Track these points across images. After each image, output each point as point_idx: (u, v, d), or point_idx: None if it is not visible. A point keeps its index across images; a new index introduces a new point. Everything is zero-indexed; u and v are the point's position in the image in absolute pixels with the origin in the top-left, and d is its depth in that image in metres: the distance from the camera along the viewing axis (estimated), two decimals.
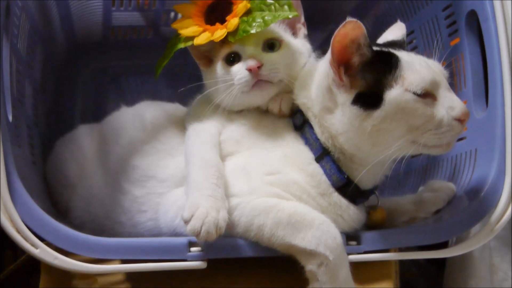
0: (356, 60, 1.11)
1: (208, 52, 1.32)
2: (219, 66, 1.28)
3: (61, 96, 1.85)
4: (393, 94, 1.09)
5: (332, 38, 1.09)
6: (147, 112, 1.43)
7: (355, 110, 1.11)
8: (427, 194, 1.30)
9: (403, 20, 1.57)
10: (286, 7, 1.23)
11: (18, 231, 1.05)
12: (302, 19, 1.36)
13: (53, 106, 1.75)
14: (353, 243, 1.16)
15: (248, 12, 1.26)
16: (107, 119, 1.51)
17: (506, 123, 1.20)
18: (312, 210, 1.12)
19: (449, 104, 1.11)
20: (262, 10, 1.25)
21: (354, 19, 1.06)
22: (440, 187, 1.30)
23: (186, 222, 1.06)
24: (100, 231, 1.32)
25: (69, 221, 1.37)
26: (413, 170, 1.53)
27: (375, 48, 1.15)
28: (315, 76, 1.19)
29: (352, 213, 1.18)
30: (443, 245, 1.25)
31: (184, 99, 1.45)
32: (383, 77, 1.11)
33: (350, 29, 1.07)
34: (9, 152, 1.06)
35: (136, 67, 1.98)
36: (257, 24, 1.22)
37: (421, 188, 1.36)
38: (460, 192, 1.29)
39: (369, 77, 1.11)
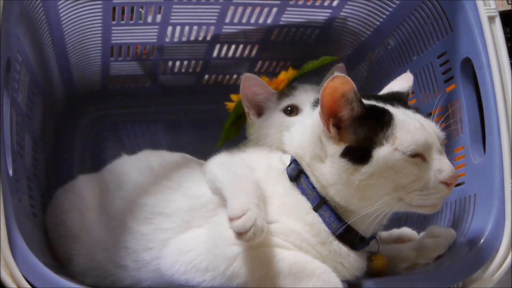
0: (345, 114, 1.12)
1: (262, 102, 1.49)
2: (278, 116, 1.44)
3: (59, 146, 1.86)
4: (382, 152, 1.09)
5: (322, 90, 1.10)
6: (151, 159, 1.45)
7: (344, 163, 1.12)
8: (428, 240, 1.29)
9: (398, 66, 1.60)
10: None
11: (19, 286, 1.04)
12: None
13: (52, 156, 1.76)
14: None
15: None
16: (108, 167, 1.52)
17: (504, 169, 1.21)
18: (313, 260, 1.12)
19: (438, 167, 1.11)
20: None
21: (343, 75, 1.08)
22: (441, 233, 1.30)
23: (236, 218, 1.06)
24: (103, 277, 1.32)
25: (70, 270, 1.37)
26: (413, 215, 1.53)
27: (370, 102, 1.16)
28: (309, 124, 1.21)
29: (352, 260, 1.17)
30: None
31: (183, 147, 1.46)
32: (374, 133, 1.11)
33: (339, 83, 1.08)
34: (9, 207, 1.06)
35: (134, 115, 2.00)
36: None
37: (421, 234, 1.35)
38: (460, 238, 1.29)
39: (360, 132, 1.12)
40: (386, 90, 1.29)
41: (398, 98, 1.23)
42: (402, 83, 1.29)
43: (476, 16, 1.28)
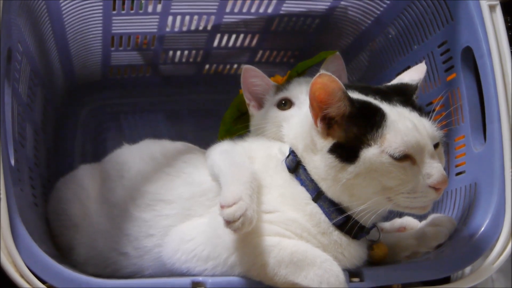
0: (333, 110, 1.11)
1: (262, 94, 1.49)
2: (273, 111, 1.43)
3: (60, 136, 1.86)
4: (369, 154, 1.08)
5: (311, 85, 1.09)
6: (153, 148, 1.45)
7: (331, 159, 1.11)
8: (429, 228, 1.29)
9: (399, 56, 1.60)
10: None
11: (21, 275, 1.05)
12: None
13: (53, 146, 1.76)
14: (356, 279, 1.15)
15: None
16: (109, 157, 1.52)
17: (504, 157, 1.21)
18: (313, 248, 1.12)
19: (427, 171, 1.09)
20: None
21: (329, 73, 1.07)
22: (442, 222, 1.30)
23: (227, 206, 1.07)
24: (104, 266, 1.33)
25: (72, 260, 1.38)
26: None
27: (367, 97, 1.16)
28: (303, 115, 1.20)
29: (353, 250, 1.17)
30: (446, 280, 1.25)
31: (184, 136, 1.47)
32: (363, 133, 1.10)
33: (328, 80, 1.08)
34: (12, 196, 1.07)
35: (135, 104, 2.00)
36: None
37: (422, 223, 1.35)
38: (461, 226, 1.29)
39: (350, 131, 1.11)
40: (396, 80, 1.28)
41: (402, 92, 1.21)
42: (413, 74, 1.26)
43: (476, 5, 1.28)
